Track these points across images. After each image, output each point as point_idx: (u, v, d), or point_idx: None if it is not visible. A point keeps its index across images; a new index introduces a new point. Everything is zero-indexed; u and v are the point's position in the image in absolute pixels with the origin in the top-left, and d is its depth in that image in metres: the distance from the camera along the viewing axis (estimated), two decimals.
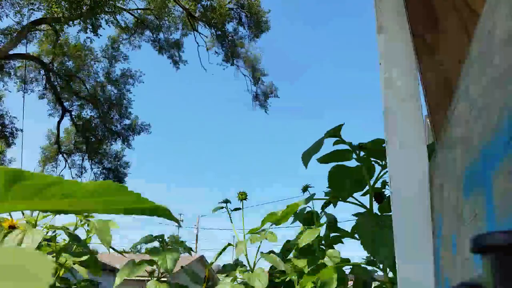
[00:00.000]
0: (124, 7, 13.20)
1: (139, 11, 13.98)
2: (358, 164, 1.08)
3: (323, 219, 1.58)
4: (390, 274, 1.20)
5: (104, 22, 12.53)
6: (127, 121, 15.09)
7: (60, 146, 15.16)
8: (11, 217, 1.58)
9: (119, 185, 0.35)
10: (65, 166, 15.41)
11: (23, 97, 13.28)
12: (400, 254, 0.70)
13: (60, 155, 15.35)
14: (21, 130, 14.38)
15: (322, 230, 1.49)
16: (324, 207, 1.40)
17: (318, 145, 0.98)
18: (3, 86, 14.21)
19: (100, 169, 15.47)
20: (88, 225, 1.69)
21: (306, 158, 0.98)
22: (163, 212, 0.43)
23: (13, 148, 14.27)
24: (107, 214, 0.43)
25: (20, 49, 12.55)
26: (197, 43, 15.11)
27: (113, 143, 15.34)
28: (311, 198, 1.15)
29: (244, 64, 15.32)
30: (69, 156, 15.66)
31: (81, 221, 1.72)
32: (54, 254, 1.68)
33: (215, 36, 14.71)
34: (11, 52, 11.91)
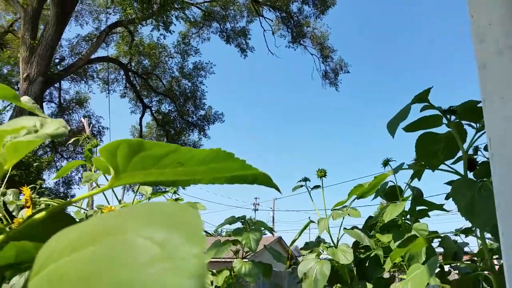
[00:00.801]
0: (192, 2, 13.59)
1: (205, 4, 14.31)
2: (448, 130, 1.01)
3: (406, 193, 1.52)
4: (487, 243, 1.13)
5: (175, 19, 13.03)
6: (201, 112, 15.66)
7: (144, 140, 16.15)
8: (108, 203, 1.73)
9: (226, 152, 0.37)
10: None
11: (108, 97, 14.31)
12: (503, 219, 0.66)
13: None
14: (108, 128, 15.58)
15: (406, 205, 1.44)
16: (413, 177, 1.35)
17: (404, 112, 0.94)
18: (88, 88, 15.43)
19: None
20: None
21: (392, 127, 0.94)
22: (263, 179, 0.44)
23: (101, 145, 15.52)
24: (212, 183, 0.46)
25: (100, 52, 13.50)
26: (263, 28, 15.14)
27: (191, 133, 16.03)
28: (399, 168, 1.11)
29: (311, 43, 15.06)
30: None
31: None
32: None
33: (280, 18, 14.62)
34: (92, 57, 12.85)
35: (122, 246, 0.17)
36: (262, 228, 1.88)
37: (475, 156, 1.17)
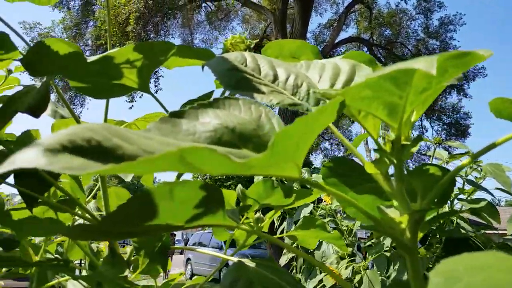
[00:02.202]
0: None
1: None
2: None
3: None
4: None
5: None
6: None
7: None
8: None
9: None
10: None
11: None
12: None
13: None
14: None
15: None
16: None
17: None
18: None
19: (440, 125, 15.11)
20: (480, 169, 1.63)
21: None
22: None
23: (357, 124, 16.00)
24: None
25: (342, 35, 13.95)
26: None
27: (448, 96, 14.65)
28: None
29: None
30: None
31: (470, 167, 1.68)
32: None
33: None
34: (336, 41, 13.38)
35: None
36: None
37: None
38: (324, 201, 1.70)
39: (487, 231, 1.62)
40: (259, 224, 0.74)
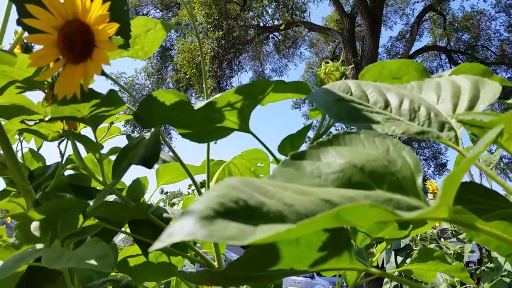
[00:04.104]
0: None
1: None
2: None
3: None
4: None
5: None
6: None
7: None
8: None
9: None
10: None
11: None
12: None
13: None
14: None
15: None
16: None
17: None
18: None
19: None
20: None
21: None
22: None
23: None
24: None
25: (416, 45, 13.36)
26: None
27: None
28: None
29: None
30: None
31: None
32: None
33: None
34: (411, 52, 12.85)
35: None
36: None
37: None
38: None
39: None
40: (369, 259, 0.70)
